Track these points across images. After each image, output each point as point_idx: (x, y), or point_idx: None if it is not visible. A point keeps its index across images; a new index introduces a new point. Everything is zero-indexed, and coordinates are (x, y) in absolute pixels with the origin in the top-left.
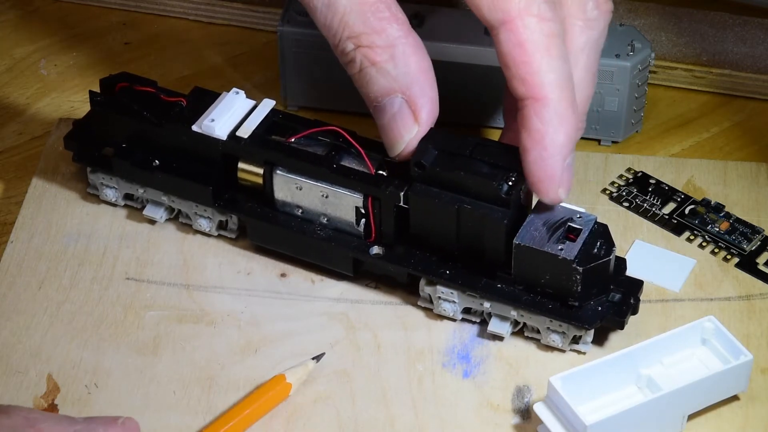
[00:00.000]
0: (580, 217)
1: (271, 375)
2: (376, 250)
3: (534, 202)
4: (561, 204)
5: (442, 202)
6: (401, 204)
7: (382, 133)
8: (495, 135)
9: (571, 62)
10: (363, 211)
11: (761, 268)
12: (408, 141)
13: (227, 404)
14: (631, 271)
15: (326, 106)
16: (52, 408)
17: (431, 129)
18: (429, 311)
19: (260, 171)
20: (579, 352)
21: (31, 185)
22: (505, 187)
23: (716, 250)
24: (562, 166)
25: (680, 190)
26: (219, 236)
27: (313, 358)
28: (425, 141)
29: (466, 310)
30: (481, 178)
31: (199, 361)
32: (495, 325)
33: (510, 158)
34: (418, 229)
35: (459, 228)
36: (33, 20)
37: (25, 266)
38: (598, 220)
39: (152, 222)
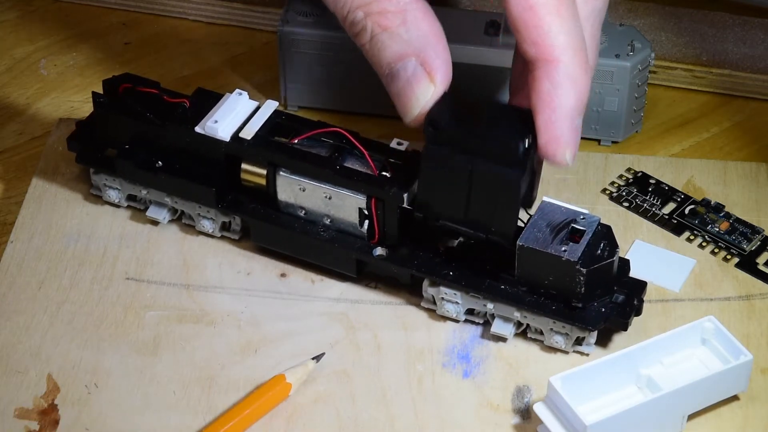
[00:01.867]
0: (583, 219)
1: (271, 375)
2: (379, 251)
3: (537, 201)
4: (564, 205)
5: (455, 163)
6: (404, 205)
7: (396, 99)
8: None
9: None
10: (366, 212)
11: (761, 268)
12: (424, 104)
13: (227, 404)
14: (631, 271)
15: (326, 106)
16: (52, 408)
17: (443, 93)
18: (429, 311)
19: (263, 172)
20: (582, 353)
21: (31, 185)
22: (522, 148)
23: (716, 250)
24: (571, 127)
25: (680, 190)
26: (221, 237)
27: (313, 358)
28: (438, 103)
29: (469, 312)
30: (496, 137)
31: (199, 361)
32: (498, 327)
33: (524, 120)
34: (426, 196)
35: (470, 191)
36: (33, 20)
37: (25, 266)
38: (600, 222)
39: (152, 222)
